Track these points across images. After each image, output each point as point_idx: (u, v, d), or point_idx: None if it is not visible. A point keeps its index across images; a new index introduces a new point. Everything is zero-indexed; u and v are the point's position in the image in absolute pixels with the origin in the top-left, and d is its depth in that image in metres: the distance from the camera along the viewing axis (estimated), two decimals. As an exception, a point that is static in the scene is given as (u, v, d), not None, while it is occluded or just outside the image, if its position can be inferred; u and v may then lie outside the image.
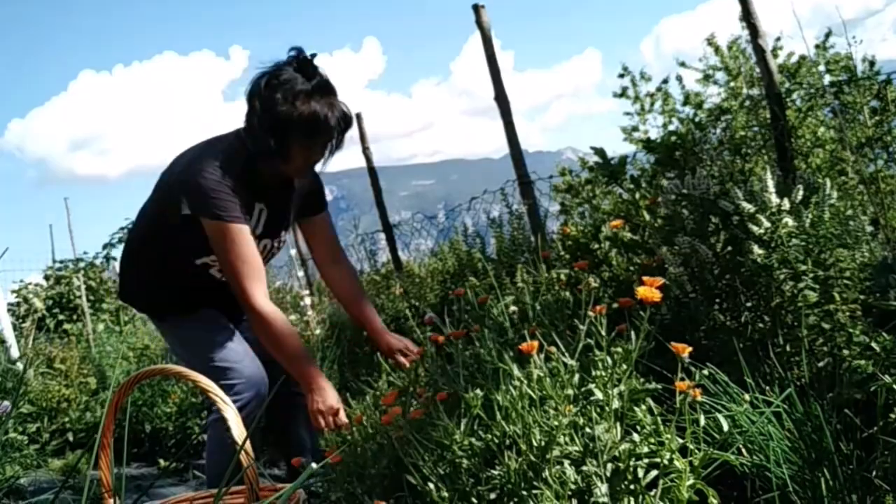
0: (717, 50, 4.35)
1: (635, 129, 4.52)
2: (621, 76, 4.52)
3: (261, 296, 2.70)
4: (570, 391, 1.82)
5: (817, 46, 4.08)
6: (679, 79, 4.45)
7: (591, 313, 1.87)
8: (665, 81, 4.49)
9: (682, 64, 4.49)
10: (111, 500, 1.95)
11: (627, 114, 4.52)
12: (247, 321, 2.97)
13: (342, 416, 2.68)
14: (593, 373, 1.83)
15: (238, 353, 2.85)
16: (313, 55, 2.65)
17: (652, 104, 4.48)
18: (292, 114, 2.58)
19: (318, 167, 2.87)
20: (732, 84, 4.31)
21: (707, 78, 4.44)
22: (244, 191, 2.71)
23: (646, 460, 1.71)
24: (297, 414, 3.07)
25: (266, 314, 2.69)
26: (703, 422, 1.67)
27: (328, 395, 2.69)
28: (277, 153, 2.66)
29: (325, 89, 2.64)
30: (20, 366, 5.63)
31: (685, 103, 4.43)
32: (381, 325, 3.10)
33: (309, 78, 2.61)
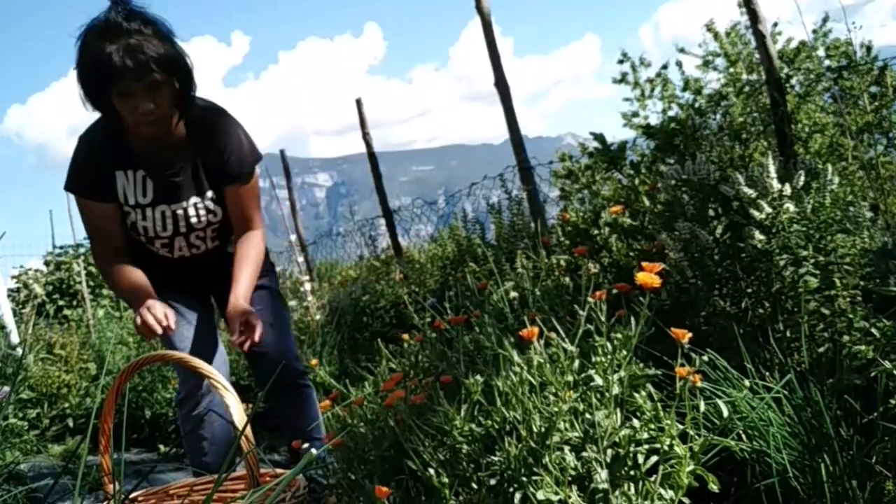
0: (716, 36, 4.35)
1: (635, 114, 4.52)
2: (621, 62, 4.51)
3: (104, 262, 2.73)
4: (570, 377, 1.81)
5: (814, 31, 4.08)
6: (679, 64, 4.45)
7: (590, 299, 1.87)
8: (665, 67, 4.48)
9: (682, 50, 4.49)
10: (111, 486, 1.95)
11: (627, 99, 4.51)
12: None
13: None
14: (593, 359, 1.83)
15: (184, 344, 2.78)
16: None
17: (652, 90, 4.48)
18: (82, 59, 2.42)
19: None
20: (731, 70, 4.31)
21: (706, 64, 4.44)
22: (109, 160, 2.64)
23: (646, 446, 1.71)
24: (300, 402, 3.06)
25: (108, 277, 2.73)
26: (703, 407, 1.67)
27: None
28: (99, 106, 2.52)
29: (115, 27, 2.38)
30: (20, 351, 5.63)
31: (685, 89, 4.42)
32: (240, 291, 2.73)
33: (105, 18, 2.41)
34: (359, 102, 6.66)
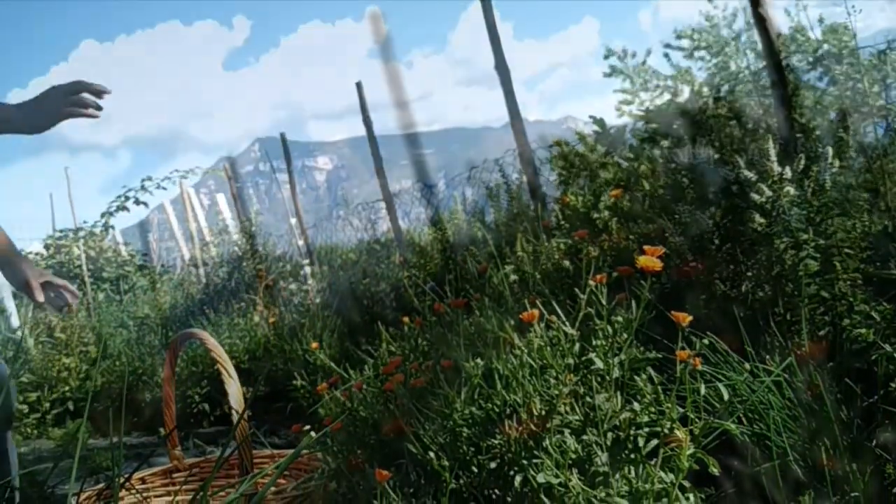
0: (691, 35, 4.39)
1: (629, 102, 4.54)
2: (606, 57, 4.55)
3: None
4: (570, 360, 1.81)
5: (787, 13, 4.11)
6: (667, 56, 4.49)
7: (591, 282, 1.86)
8: (648, 54, 4.52)
9: (668, 45, 4.53)
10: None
11: (617, 91, 4.55)
12: None
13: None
14: (594, 342, 1.83)
15: None
16: None
17: (645, 81, 4.50)
18: None
19: None
20: (719, 59, 4.34)
21: (692, 55, 4.48)
22: None
23: (646, 429, 1.71)
24: None
25: None
26: (703, 391, 1.67)
27: None
28: None
29: None
30: (20, 335, 5.64)
31: (675, 78, 4.45)
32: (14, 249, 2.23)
33: None
34: (359, 86, 6.65)
